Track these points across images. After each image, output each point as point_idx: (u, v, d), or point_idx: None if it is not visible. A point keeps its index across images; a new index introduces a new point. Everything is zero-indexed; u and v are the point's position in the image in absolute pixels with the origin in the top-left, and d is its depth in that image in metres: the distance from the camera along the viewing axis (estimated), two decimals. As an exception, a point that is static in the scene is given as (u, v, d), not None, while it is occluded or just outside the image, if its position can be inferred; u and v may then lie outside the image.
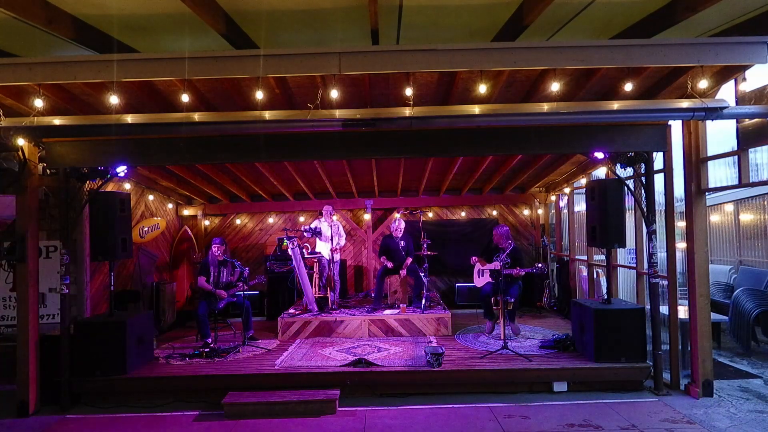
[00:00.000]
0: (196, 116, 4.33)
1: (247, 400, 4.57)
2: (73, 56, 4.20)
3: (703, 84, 4.11)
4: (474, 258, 6.40)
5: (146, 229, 7.23)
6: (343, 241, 7.75)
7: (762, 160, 5.08)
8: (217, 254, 6.31)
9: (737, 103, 4.42)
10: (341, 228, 7.82)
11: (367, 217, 9.08)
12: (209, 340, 5.88)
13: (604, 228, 5.12)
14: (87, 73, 3.89)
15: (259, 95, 4.14)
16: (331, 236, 7.45)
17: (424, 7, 4.05)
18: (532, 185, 8.75)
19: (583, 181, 7.24)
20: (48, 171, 5.31)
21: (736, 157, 4.61)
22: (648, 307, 5.18)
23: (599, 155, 4.99)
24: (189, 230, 8.60)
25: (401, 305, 6.80)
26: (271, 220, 9.30)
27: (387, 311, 6.73)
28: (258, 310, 7.99)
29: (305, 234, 7.36)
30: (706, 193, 4.87)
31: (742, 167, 4.52)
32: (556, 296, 8.18)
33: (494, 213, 9.27)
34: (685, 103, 4.23)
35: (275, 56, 3.85)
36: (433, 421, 4.31)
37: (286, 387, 4.82)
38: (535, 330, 6.68)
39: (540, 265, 5.79)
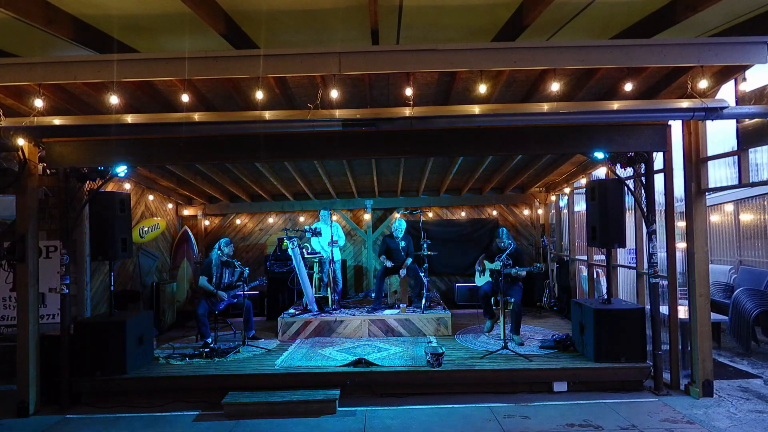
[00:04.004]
0: (196, 116, 4.33)
1: (247, 400, 4.56)
2: (73, 56, 4.21)
3: (703, 84, 4.11)
4: (482, 255, 6.40)
5: (146, 229, 7.23)
6: (342, 242, 7.80)
7: (762, 160, 5.07)
8: (226, 254, 6.31)
9: (737, 103, 4.41)
10: (340, 229, 7.87)
11: (367, 217, 9.08)
12: (209, 340, 5.88)
13: (604, 228, 5.11)
14: (87, 73, 3.89)
15: (259, 95, 4.14)
16: (331, 237, 7.46)
17: (424, 7, 4.05)
18: (532, 185, 8.75)
19: (583, 181, 7.23)
20: (48, 171, 5.31)
21: (736, 157, 4.60)
22: (648, 307, 5.18)
23: (599, 155, 4.99)
24: (189, 230, 8.60)
25: (401, 305, 6.80)
26: (271, 220, 9.30)
27: (387, 311, 6.73)
28: (258, 310, 7.99)
29: (305, 234, 7.37)
30: (706, 193, 4.87)
31: (742, 167, 4.52)
32: (556, 296, 8.18)
33: (494, 213, 9.27)
34: (685, 103, 4.23)
35: (275, 56, 3.84)
36: (433, 421, 4.31)
37: (286, 387, 4.82)
38: (535, 330, 6.68)
39: (538, 264, 5.79)
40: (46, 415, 4.68)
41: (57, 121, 4.37)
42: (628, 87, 4.20)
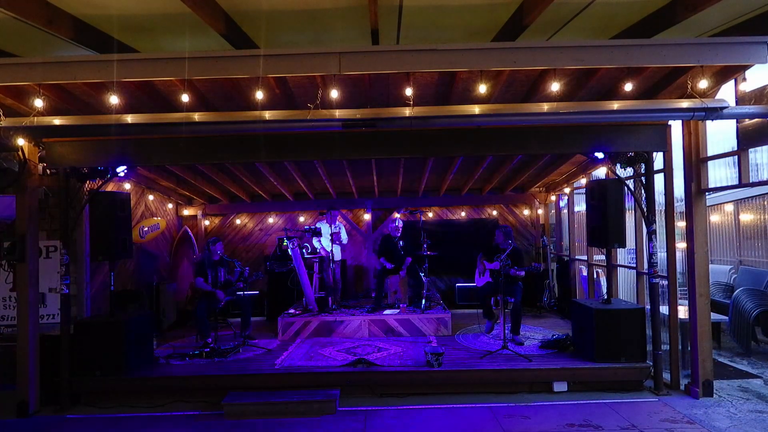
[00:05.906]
0: (196, 116, 4.33)
1: (247, 400, 4.57)
2: (73, 56, 4.21)
3: (703, 84, 4.11)
4: (480, 255, 6.40)
5: (146, 229, 7.23)
6: (344, 241, 7.80)
7: (762, 160, 5.08)
8: (217, 253, 6.31)
9: (737, 103, 4.41)
10: (343, 230, 7.85)
11: (367, 217, 9.09)
12: (209, 340, 5.87)
13: (604, 228, 5.12)
14: (87, 73, 3.89)
15: (259, 95, 4.14)
16: (332, 236, 7.46)
17: (424, 7, 4.05)
18: (532, 185, 8.75)
19: (583, 181, 7.23)
20: (48, 171, 5.31)
21: (736, 157, 4.60)
22: (648, 307, 5.18)
23: (599, 155, 4.99)
24: (189, 230, 8.60)
25: (401, 305, 6.80)
26: (271, 220, 9.30)
27: (387, 311, 6.73)
28: (258, 310, 7.99)
29: (305, 234, 7.37)
30: (706, 193, 4.87)
31: (742, 167, 4.52)
32: (556, 296, 8.18)
33: (494, 213, 9.27)
34: (685, 103, 4.23)
35: (275, 56, 3.84)
36: (432, 421, 4.31)
37: (286, 387, 4.82)
38: (535, 330, 6.68)
39: (537, 264, 5.78)
40: (46, 415, 4.68)
41: (57, 121, 4.37)
42: (628, 87, 4.21)
